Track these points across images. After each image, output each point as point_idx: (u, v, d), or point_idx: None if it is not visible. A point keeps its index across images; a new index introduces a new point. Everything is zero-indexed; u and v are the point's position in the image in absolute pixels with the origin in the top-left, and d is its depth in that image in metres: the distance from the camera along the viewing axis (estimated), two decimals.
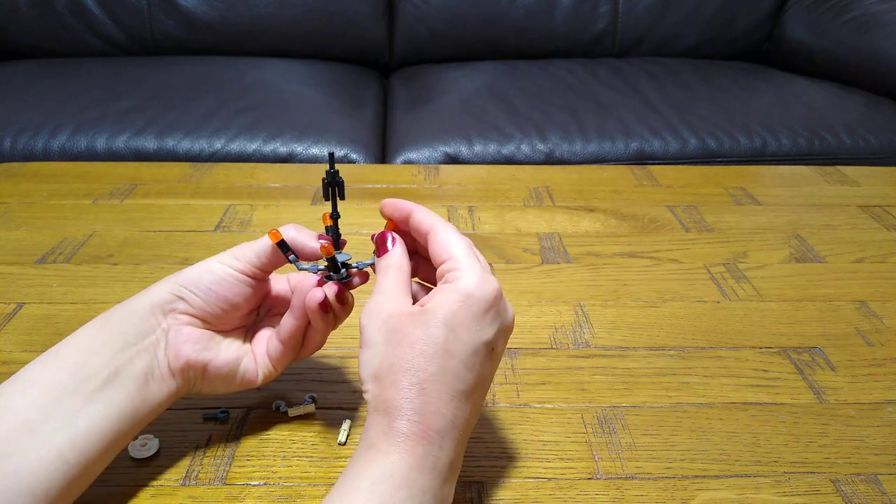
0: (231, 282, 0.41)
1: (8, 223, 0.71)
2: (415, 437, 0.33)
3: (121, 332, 0.38)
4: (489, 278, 0.36)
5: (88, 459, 0.35)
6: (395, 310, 0.36)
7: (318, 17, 1.52)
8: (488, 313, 0.35)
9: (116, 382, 0.37)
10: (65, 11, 1.46)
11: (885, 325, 0.57)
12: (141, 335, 0.39)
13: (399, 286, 0.37)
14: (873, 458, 0.44)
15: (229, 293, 0.41)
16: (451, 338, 0.34)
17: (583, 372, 0.51)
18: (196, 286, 0.40)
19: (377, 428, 0.34)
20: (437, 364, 0.34)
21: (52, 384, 0.36)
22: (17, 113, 1.16)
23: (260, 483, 0.41)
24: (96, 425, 0.36)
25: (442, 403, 0.33)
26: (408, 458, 0.32)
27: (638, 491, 0.41)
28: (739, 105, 1.31)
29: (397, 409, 0.33)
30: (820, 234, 0.72)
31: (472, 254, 0.37)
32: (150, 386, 0.39)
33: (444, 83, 1.41)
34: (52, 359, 0.37)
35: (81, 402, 0.36)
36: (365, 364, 0.35)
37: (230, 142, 1.12)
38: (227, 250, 0.42)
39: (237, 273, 0.41)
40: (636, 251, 0.68)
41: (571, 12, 1.56)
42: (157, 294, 0.40)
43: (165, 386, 0.39)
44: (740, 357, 0.53)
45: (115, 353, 0.38)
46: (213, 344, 0.41)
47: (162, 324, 0.40)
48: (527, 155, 1.15)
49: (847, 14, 1.47)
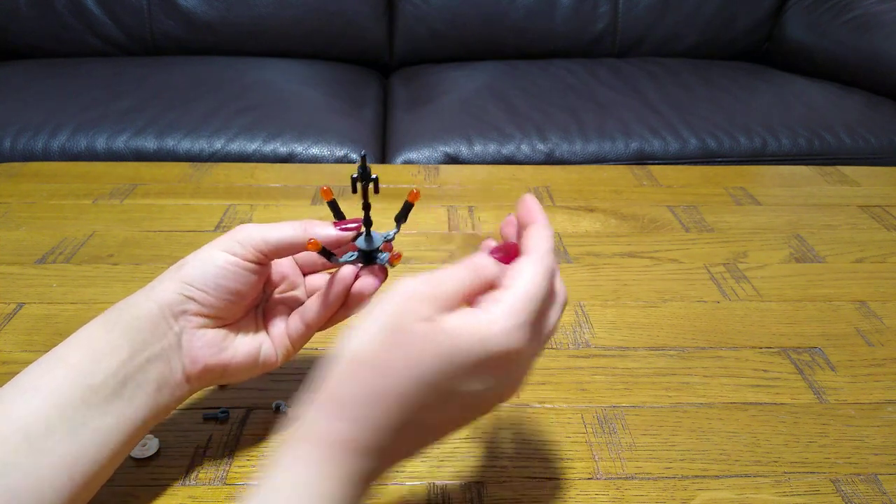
0: (236, 271, 0.38)
1: (8, 223, 0.71)
2: (351, 449, 0.29)
3: (129, 338, 0.36)
4: (518, 336, 0.29)
5: (94, 474, 0.34)
6: (418, 305, 0.29)
7: (318, 17, 1.51)
8: (486, 371, 0.29)
9: (126, 393, 0.35)
10: (65, 11, 1.45)
11: (885, 325, 0.57)
12: (151, 341, 0.36)
13: (453, 284, 0.30)
14: (873, 458, 0.44)
15: (237, 284, 0.38)
16: (446, 372, 0.29)
17: (583, 372, 0.51)
18: (203, 283, 0.38)
19: (317, 423, 0.30)
20: (415, 388, 0.29)
21: (57, 394, 0.33)
22: (17, 113, 1.16)
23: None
24: (103, 440, 0.34)
25: (394, 426, 0.29)
26: (335, 470, 0.29)
27: (638, 491, 0.41)
28: (739, 105, 1.31)
29: (350, 415, 0.29)
30: (820, 234, 0.72)
31: (536, 290, 0.31)
32: (163, 393, 0.37)
33: (444, 83, 1.41)
34: (57, 364, 0.34)
35: (87, 414, 0.33)
36: (350, 340, 0.30)
37: (230, 142, 1.12)
38: (227, 234, 0.39)
39: (242, 261, 0.38)
40: (636, 251, 0.68)
41: (571, 12, 1.56)
42: (164, 295, 0.37)
43: (178, 391, 0.38)
44: (740, 357, 0.53)
45: (124, 361, 0.35)
46: (228, 342, 0.40)
47: (174, 327, 0.37)
48: (527, 155, 1.15)
49: (847, 14, 1.47)
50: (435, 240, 0.69)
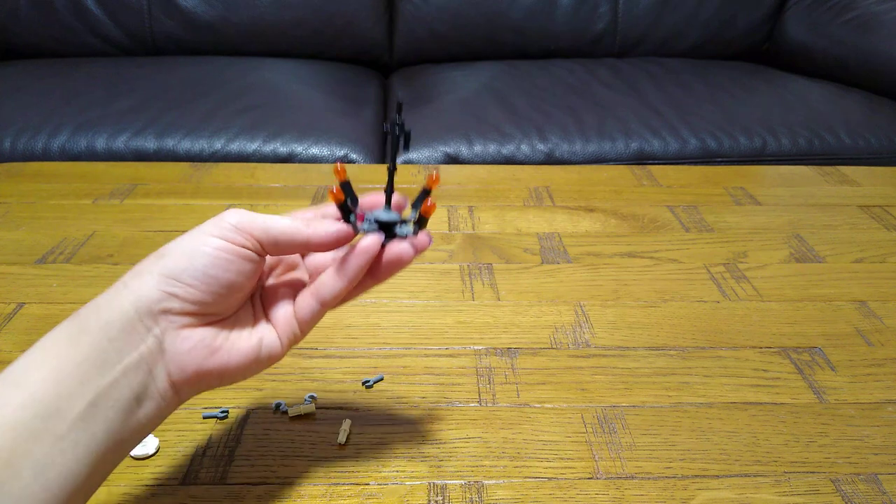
0: (231, 259, 0.33)
1: (8, 223, 0.71)
2: None
3: (99, 349, 0.30)
4: None
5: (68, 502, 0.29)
6: None
7: (318, 17, 1.52)
8: None
9: (98, 414, 0.29)
10: (65, 11, 1.46)
11: (885, 325, 0.57)
12: (126, 349, 0.30)
13: None
14: (873, 458, 0.44)
15: (231, 274, 0.33)
16: None
17: (583, 372, 0.51)
18: (189, 275, 0.32)
19: None
20: None
21: (15, 428, 0.27)
22: (17, 113, 1.16)
23: (260, 483, 0.41)
24: (72, 471, 0.28)
25: None
26: None
27: (638, 491, 0.41)
28: (739, 105, 1.31)
29: None
30: (820, 234, 0.72)
31: None
32: (146, 407, 0.31)
33: (444, 83, 1.41)
34: (13, 391, 0.28)
35: (52, 445, 0.28)
36: None
37: (230, 142, 1.12)
38: (216, 218, 0.34)
39: (238, 248, 0.33)
40: (636, 251, 0.68)
41: (571, 12, 1.56)
42: (141, 294, 0.31)
43: (165, 403, 0.32)
44: (740, 357, 0.53)
45: (93, 378, 0.29)
46: (222, 341, 0.34)
47: (153, 330, 0.31)
48: (527, 155, 1.15)
49: (847, 14, 1.47)
50: (435, 240, 0.69)
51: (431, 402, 0.48)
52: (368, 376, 0.50)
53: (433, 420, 0.46)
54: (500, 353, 0.53)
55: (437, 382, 0.50)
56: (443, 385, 0.49)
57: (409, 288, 0.61)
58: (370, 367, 0.51)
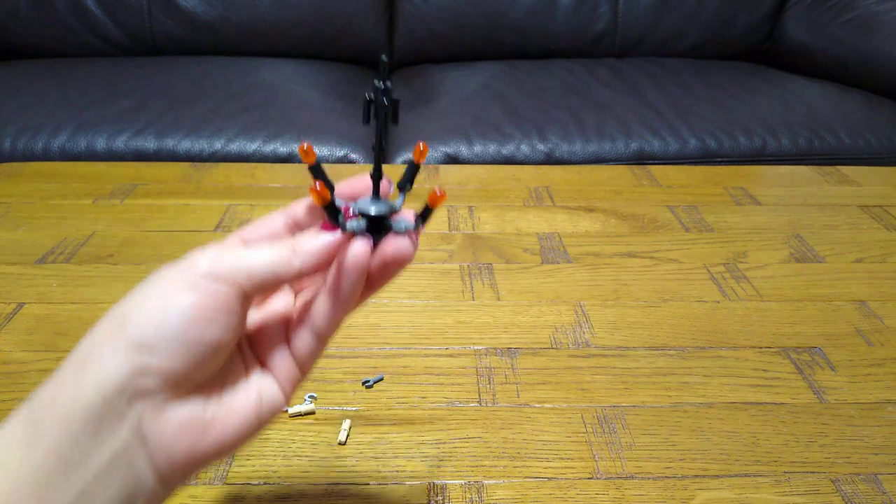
0: (211, 317, 0.26)
1: (8, 223, 0.71)
2: None
3: (58, 453, 0.23)
4: None
5: None
6: None
7: (318, 18, 1.52)
8: None
9: None
10: (65, 11, 1.45)
11: (885, 325, 0.57)
12: (91, 449, 0.24)
13: None
14: (873, 458, 0.44)
15: (214, 332, 0.26)
16: None
17: (583, 372, 0.51)
18: (163, 341, 0.25)
19: None
20: None
21: None
22: (17, 113, 1.16)
23: (260, 483, 0.41)
24: None
25: None
26: None
27: (638, 491, 0.41)
28: (739, 105, 1.31)
29: None
30: (820, 234, 0.72)
31: None
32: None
33: (444, 83, 1.41)
34: None
35: None
36: None
37: (230, 142, 1.12)
38: (188, 261, 0.26)
39: (218, 301, 0.26)
40: (636, 251, 0.68)
41: (571, 12, 1.56)
42: (106, 374, 0.24)
43: (155, 500, 0.26)
44: (740, 357, 0.53)
45: (55, 488, 0.23)
46: (214, 410, 0.27)
47: (127, 417, 0.24)
48: (527, 155, 1.15)
49: (847, 14, 1.47)
50: (435, 240, 0.69)
51: (431, 402, 0.48)
52: (368, 376, 0.50)
53: (433, 420, 0.46)
54: (500, 353, 0.53)
55: (437, 382, 0.50)
56: (443, 385, 0.49)
57: (409, 288, 0.61)
58: (370, 367, 0.51)
